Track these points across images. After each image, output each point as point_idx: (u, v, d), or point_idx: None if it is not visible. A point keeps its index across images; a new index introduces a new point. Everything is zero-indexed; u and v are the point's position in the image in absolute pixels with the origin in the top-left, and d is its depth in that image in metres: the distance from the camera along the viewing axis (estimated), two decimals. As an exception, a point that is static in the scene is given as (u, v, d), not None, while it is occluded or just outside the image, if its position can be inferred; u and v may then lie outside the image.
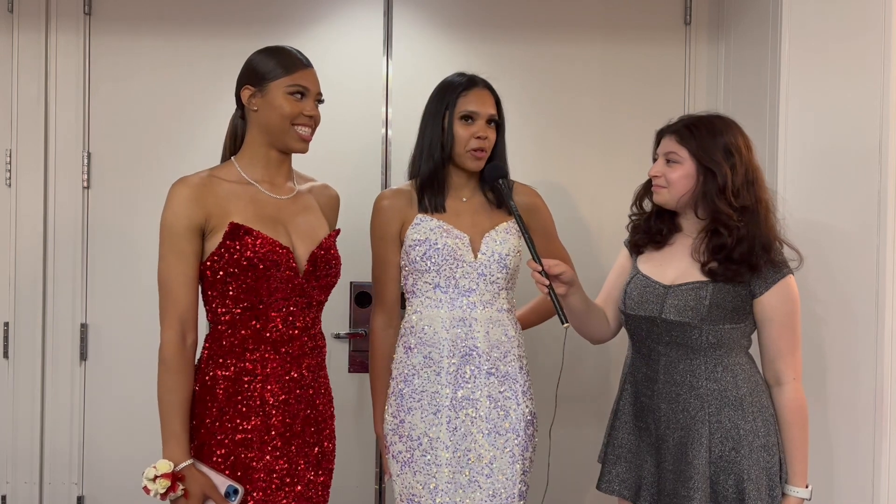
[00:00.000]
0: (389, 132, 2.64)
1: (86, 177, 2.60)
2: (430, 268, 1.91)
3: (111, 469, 2.61)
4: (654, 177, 1.83)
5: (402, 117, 2.60)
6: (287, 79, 1.76)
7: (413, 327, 1.94)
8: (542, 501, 2.00)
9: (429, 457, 1.90)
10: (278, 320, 1.73)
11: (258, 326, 1.72)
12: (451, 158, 1.94)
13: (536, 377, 2.03)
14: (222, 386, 1.71)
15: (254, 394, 1.71)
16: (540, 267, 1.74)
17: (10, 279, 2.58)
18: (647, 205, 1.93)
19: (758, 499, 1.72)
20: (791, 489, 1.78)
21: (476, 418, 1.90)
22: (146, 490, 1.63)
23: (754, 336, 1.84)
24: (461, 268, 1.91)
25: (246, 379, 1.71)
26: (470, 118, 1.92)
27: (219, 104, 2.60)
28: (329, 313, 1.90)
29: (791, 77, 2.27)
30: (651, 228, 1.89)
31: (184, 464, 1.64)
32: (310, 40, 2.58)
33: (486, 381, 1.90)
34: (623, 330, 1.95)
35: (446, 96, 1.95)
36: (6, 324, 2.58)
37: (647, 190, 1.91)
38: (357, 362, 2.63)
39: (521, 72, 2.64)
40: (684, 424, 1.77)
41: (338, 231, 1.90)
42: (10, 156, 2.57)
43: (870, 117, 2.24)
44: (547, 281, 1.73)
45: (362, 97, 2.63)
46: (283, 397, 1.73)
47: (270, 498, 1.71)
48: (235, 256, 1.68)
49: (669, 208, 1.84)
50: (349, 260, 1.93)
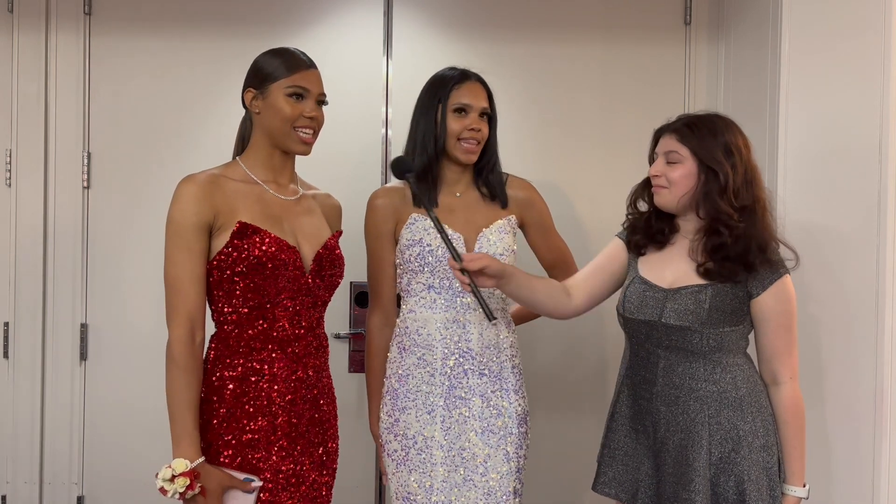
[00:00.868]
0: (389, 132, 2.64)
1: (86, 177, 2.60)
2: (424, 269, 1.91)
3: (111, 469, 2.61)
4: (655, 176, 1.80)
5: (402, 117, 2.58)
6: (286, 80, 1.75)
7: (408, 328, 1.95)
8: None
9: (424, 455, 1.90)
10: (284, 320, 1.73)
11: (265, 326, 1.72)
12: (445, 152, 1.94)
13: (531, 375, 2.03)
14: (230, 387, 1.70)
15: (261, 394, 1.71)
16: (458, 265, 1.69)
17: (10, 279, 2.58)
18: (642, 205, 1.91)
19: (758, 499, 1.72)
20: (789, 489, 1.78)
21: (469, 417, 1.90)
22: (163, 491, 1.61)
23: (751, 336, 1.84)
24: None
25: (253, 379, 1.71)
26: (463, 111, 1.92)
27: (219, 104, 2.61)
28: (329, 313, 1.91)
29: (791, 77, 2.26)
30: (652, 229, 1.86)
31: (198, 461, 1.64)
32: (310, 40, 2.58)
33: (479, 381, 1.91)
34: (620, 327, 1.94)
35: (439, 90, 1.94)
36: (6, 324, 2.58)
37: (643, 190, 1.90)
38: (357, 362, 2.63)
39: (521, 71, 2.64)
40: (684, 427, 1.76)
41: (340, 232, 1.90)
42: (10, 156, 2.57)
43: (870, 117, 2.24)
44: (467, 280, 1.69)
45: (362, 97, 2.63)
46: (290, 397, 1.73)
47: (276, 498, 1.71)
48: (244, 255, 1.67)
49: (669, 210, 1.82)
50: (349, 260, 1.93)
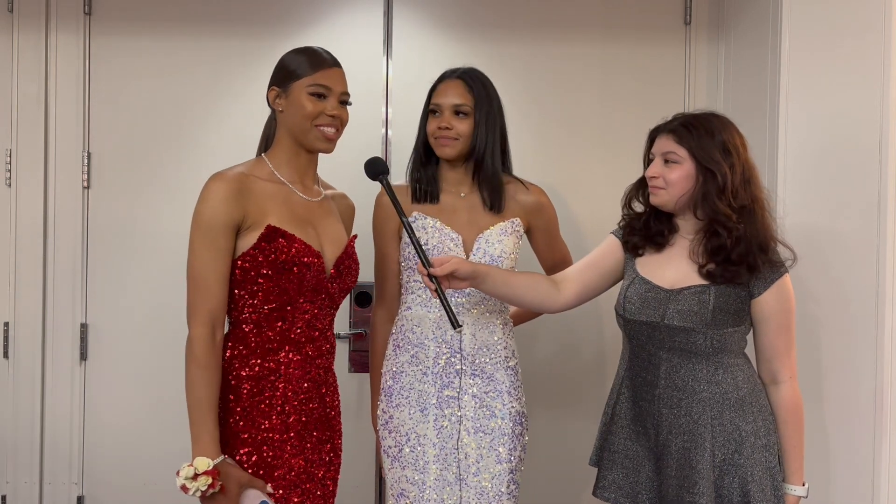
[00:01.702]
0: (389, 132, 2.64)
1: (86, 177, 2.60)
2: None
3: (111, 469, 2.61)
4: (652, 178, 1.79)
5: (402, 117, 2.60)
6: (308, 78, 1.75)
7: (403, 326, 1.96)
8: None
9: (416, 453, 1.91)
10: (302, 322, 1.74)
11: (284, 327, 1.72)
12: (429, 152, 2.00)
13: (529, 376, 2.03)
14: (246, 386, 1.71)
15: (276, 393, 1.72)
16: (426, 271, 1.70)
17: (10, 279, 2.58)
18: (637, 206, 1.90)
19: (762, 499, 1.72)
20: (789, 488, 1.78)
21: (462, 417, 1.91)
22: (184, 489, 1.60)
23: (749, 336, 1.83)
24: None
25: (271, 378, 1.72)
26: (434, 111, 1.97)
27: (219, 104, 2.61)
28: (329, 313, 1.91)
29: (791, 77, 2.26)
30: (651, 230, 1.85)
31: (218, 459, 1.64)
32: (310, 40, 2.57)
33: (472, 382, 1.92)
34: (612, 323, 1.93)
35: (428, 92, 2.00)
36: (6, 324, 2.58)
37: (638, 190, 1.89)
38: (357, 362, 2.63)
39: (522, 71, 2.64)
40: (687, 429, 1.75)
41: (355, 236, 1.92)
42: (10, 156, 2.57)
43: (870, 117, 2.24)
44: (433, 285, 1.70)
45: (362, 97, 2.62)
46: (302, 396, 1.75)
47: (288, 495, 1.72)
48: (271, 258, 1.68)
49: (667, 210, 1.81)
50: (349, 260, 1.94)
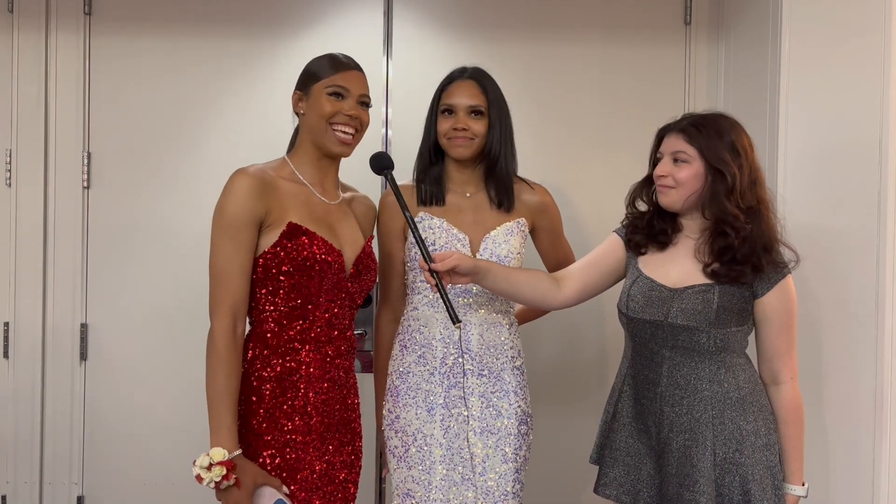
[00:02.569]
0: (389, 132, 2.64)
1: (86, 177, 2.60)
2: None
3: (111, 469, 2.61)
4: (661, 176, 1.78)
5: (402, 117, 2.60)
6: (328, 80, 1.78)
7: (409, 326, 1.96)
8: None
9: (423, 453, 1.91)
10: (323, 321, 1.75)
11: (305, 326, 1.73)
12: (442, 151, 1.99)
13: (531, 375, 2.03)
14: (268, 387, 1.71)
15: (298, 393, 1.72)
16: (427, 266, 1.71)
17: (10, 279, 2.58)
18: (641, 204, 1.90)
19: (763, 499, 1.72)
20: (788, 487, 1.78)
21: (469, 417, 1.90)
22: (199, 479, 1.61)
23: (750, 336, 1.84)
24: None
25: (292, 379, 1.72)
26: (449, 111, 1.95)
27: (218, 103, 2.61)
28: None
29: (791, 77, 2.26)
30: (654, 229, 1.85)
31: (235, 452, 1.64)
32: (310, 40, 2.58)
33: (479, 382, 1.91)
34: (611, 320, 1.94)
35: (437, 91, 1.99)
36: (6, 324, 2.58)
37: (642, 189, 1.89)
38: (360, 362, 2.62)
39: (522, 71, 2.64)
40: (688, 427, 1.76)
41: (372, 237, 1.94)
42: (10, 156, 2.57)
43: (870, 117, 2.24)
44: (434, 280, 1.71)
45: (362, 97, 2.63)
46: (323, 397, 1.76)
47: (310, 497, 1.73)
48: (292, 255, 1.69)
49: (674, 210, 1.81)
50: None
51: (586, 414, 2.60)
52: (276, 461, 1.70)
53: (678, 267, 1.81)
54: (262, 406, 1.71)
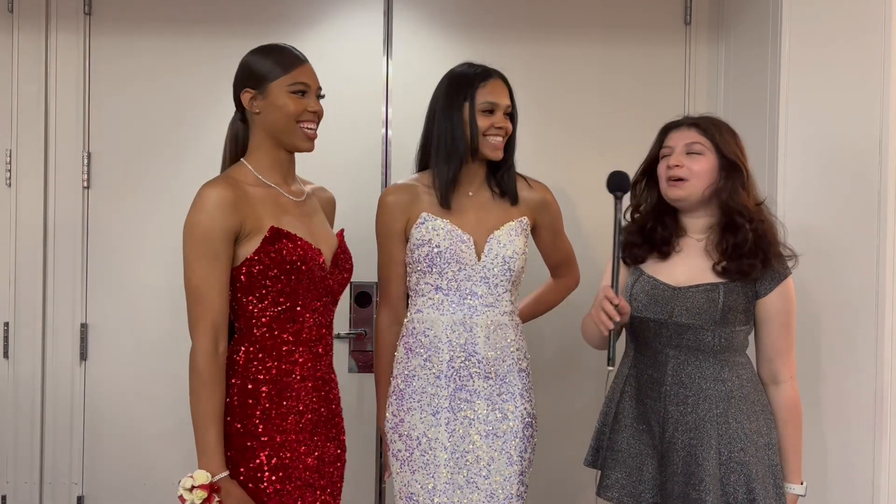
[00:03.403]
0: (389, 132, 2.64)
1: (86, 177, 2.60)
2: (433, 270, 1.91)
3: (111, 469, 2.61)
4: (676, 167, 1.77)
5: (403, 118, 2.59)
6: (287, 77, 1.74)
7: (414, 329, 1.94)
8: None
9: (427, 457, 1.90)
10: (311, 321, 1.75)
11: (296, 328, 1.73)
12: (474, 151, 1.92)
13: (537, 377, 2.03)
14: (265, 389, 1.71)
15: (293, 394, 1.73)
16: (619, 319, 1.70)
17: (10, 279, 2.57)
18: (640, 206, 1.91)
19: (766, 497, 1.72)
20: (788, 486, 1.79)
21: (474, 420, 1.90)
22: (181, 499, 1.61)
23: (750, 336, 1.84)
24: (464, 270, 1.90)
25: (287, 380, 1.72)
26: (490, 110, 1.91)
27: (218, 104, 2.60)
28: (329, 314, 1.91)
29: (791, 77, 2.26)
30: (655, 238, 1.84)
31: (220, 475, 1.64)
32: (310, 40, 2.58)
33: (485, 384, 1.90)
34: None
35: (464, 88, 1.92)
36: (6, 324, 2.58)
37: (644, 187, 1.89)
38: (357, 362, 2.63)
39: (522, 72, 2.63)
40: (693, 427, 1.76)
41: (343, 230, 1.93)
42: (10, 156, 2.57)
43: (870, 117, 2.24)
44: (614, 327, 1.69)
45: (362, 98, 2.63)
46: (314, 395, 1.77)
47: (303, 494, 1.73)
48: (277, 260, 1.68)
49: (685, 205, 1.80)
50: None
51: (586, 415, 2.60)
52: (273, 462, 1.70)
53: (685, 266, 1.81)
54: (259, 408, 1.70)
